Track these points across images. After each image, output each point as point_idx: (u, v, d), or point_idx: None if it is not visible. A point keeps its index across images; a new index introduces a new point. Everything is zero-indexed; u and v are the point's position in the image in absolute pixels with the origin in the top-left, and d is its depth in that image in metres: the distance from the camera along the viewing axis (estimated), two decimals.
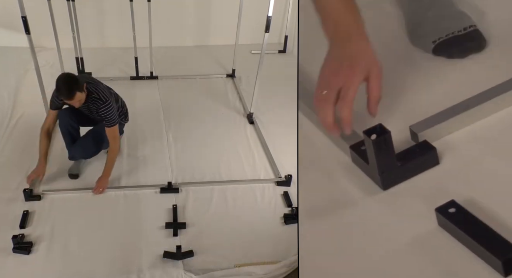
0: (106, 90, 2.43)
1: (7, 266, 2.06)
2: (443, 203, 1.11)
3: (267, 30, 2.84)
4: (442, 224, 1.11)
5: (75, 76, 2.32)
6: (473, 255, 1.05)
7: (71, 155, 2.59)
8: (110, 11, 3.96)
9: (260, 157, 2.88)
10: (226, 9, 3.98)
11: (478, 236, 1.03)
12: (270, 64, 3.49)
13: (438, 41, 1.60)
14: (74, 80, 2.28)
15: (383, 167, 1.21)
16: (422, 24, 1.65)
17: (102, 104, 2.36)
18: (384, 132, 1.16)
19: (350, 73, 1.26)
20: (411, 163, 1.23)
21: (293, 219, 2.37)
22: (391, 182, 1.23)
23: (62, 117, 2.48)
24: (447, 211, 1.09)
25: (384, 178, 1.22)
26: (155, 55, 3.75)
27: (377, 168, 1.20)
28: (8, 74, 3.54)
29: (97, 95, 2.37)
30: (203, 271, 2.07)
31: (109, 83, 2.61)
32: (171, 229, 2.28)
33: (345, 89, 1.24)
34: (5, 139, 2.87)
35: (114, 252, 2.15)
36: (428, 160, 1.25)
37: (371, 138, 1.16)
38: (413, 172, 1.24)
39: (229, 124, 3.20)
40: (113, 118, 2.41)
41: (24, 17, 2.52)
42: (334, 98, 1.25)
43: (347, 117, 1.24)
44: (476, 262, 1.04)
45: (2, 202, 2.39)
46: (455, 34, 1.58)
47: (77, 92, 2.26)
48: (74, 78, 2.29)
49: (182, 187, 2.57)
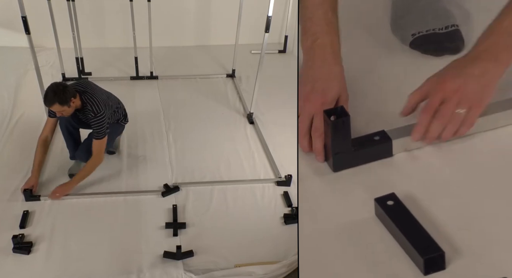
0: (101, 101, 2.39)
1: (7, 266, 2.06)
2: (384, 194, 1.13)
3: (267, 30, 2.84)
4: (378, 214, 1.13)
5: (65, 89, 2.28)
6: (401, 249, 1.07)
7: (72, 155, 2.59)
8: (110, 11, 3.96)
9: (260, 157, 2.88)
10: (226, 9, 3.98)
11: (408, 231, 1.05)
12: (270, 64, 3.49)
13: (417, 35, 1.58)
14: (62, 93, 2.25)
15: (337, 149, 1.23)
16: (405, 15, 1.63)
17: (93, 117, 2.35)
18: (344, 114, 1.18)
19: (322, 100, 1.29)
20: (366, 149, 1.26)
21: (293, 219, 2.37)
22: (343, 165, 1.25)
23: (62, 118, 2.48)
24: (385, 202, 1.12)
25: (336, 160, 1.24)
26: (155, 55, 3.75)
27: (331, 149, 1.23)
28: (8, 74, 3.54)
29: (90, 107, 2.35)
30: (203, 271, 2.07)
31: (109, 83, 2.63)
32: (171, 229, 2.28)
33: (317, 119, 1.27)
34: (5, 139, 2.87)
35: (114, 252, 2.15)
36: (382, 150, 1.27)
37: (330, 119, 1.17)
38: (365, 159, 1.26)
39: (229, 124, 3.20)
40: (101, 131, 2.39)
41: (24, 17, 2.52)
42: (308, 127, 1.28)
43: (319, 148, 1.27)
44: (402, 257, 1.06)
45: (2, 202, 2.39)
46: (436, 31, 1.57)
47: (56, 104, 2.25)
48: (61, 91, 2.25)
49: (182, 186, 2.57)
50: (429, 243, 1.03)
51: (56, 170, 2.63)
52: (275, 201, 2.53)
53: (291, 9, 4.16)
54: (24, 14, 2.51)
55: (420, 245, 1.02)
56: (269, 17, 2.80)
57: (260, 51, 2.99)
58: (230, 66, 3.82)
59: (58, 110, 2.31)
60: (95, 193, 2.49)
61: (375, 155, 1.26)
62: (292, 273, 2.09)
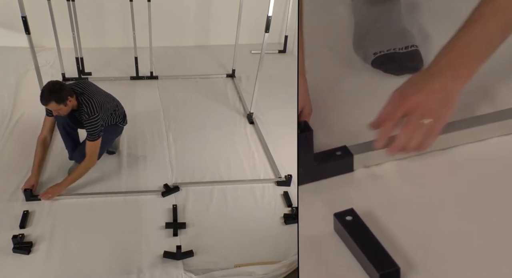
0: (97, 103, 2.38)
1: (7, 266, 2.06)
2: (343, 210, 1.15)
3: (267, 30, 2.84)
4: (337, 229, 1.15)
5: (61, 88, 2.29)
6: (358, 265, 1.08)
7: (71, 155, 2.59)
8: (110, 11, 3.96)
9: (260, 157, 2.88)
10: (226, 9, 3.98)
11: (365, 246, 1.07)
12: (270, 64, 3.48)
13: (378, 54, 1.62)
14: (58, 92, 2.26)
15: (302, 163, 1.25)
16: (367, 34, 1.67)
17: (86, 119, 2.35)
18: (307, 129, 1.21)
19: None
20: (327, 164, 1.28)
21: (293, 219, 2.37)
22: (307, 178, 1.27)
23: (59, 118, 2.48)
24: (344, 217, 1.13)
25: (301, 174, 1.27)
26: (155, 55, 3.75)
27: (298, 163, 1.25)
28: (8, 74, 3.54)
29: (85, 108, 2.35)
30: (203, 271, 2.07)
31: (109, 83, 2.63)
32: (171, 229, 2.28)
33: None
34: (5, 139, 2.87)
35: (114, 252, 2.15)
36: (344, 165, 1.29)
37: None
38: (327, 173, 1.28)
39: (229, 124, 3.20)
40: (95, 133, 2.38)
41: (24, 17, 2.52)
42: None
43: None
44: (359, 272, 1.07)
45: (2, 202, 2.39)
46: (396, 51, 1.60)
47: (53, 102, 2.26)
48: (58, 91, 2.26)
49: (182, 186, 2.57)
50: (386, 258, 1.04)
51: (56, 169, 2.63)
52: (275, 201, 2.53)
53: (291, 9, 4.16)
54: (24, 14, 2.51)
55: (377, 260, 1.03)
56: (269, 17, 2.80)
57: (260, 51, 2.99)
58: (230, 66, 3.82)
59: (55, 109, 2.31)
60: (95, 193, 2.49)
61: (337, 170, 1.29)
62: (292, 273, 2.09)
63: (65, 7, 3.36)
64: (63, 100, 2.28)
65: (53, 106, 2.29)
